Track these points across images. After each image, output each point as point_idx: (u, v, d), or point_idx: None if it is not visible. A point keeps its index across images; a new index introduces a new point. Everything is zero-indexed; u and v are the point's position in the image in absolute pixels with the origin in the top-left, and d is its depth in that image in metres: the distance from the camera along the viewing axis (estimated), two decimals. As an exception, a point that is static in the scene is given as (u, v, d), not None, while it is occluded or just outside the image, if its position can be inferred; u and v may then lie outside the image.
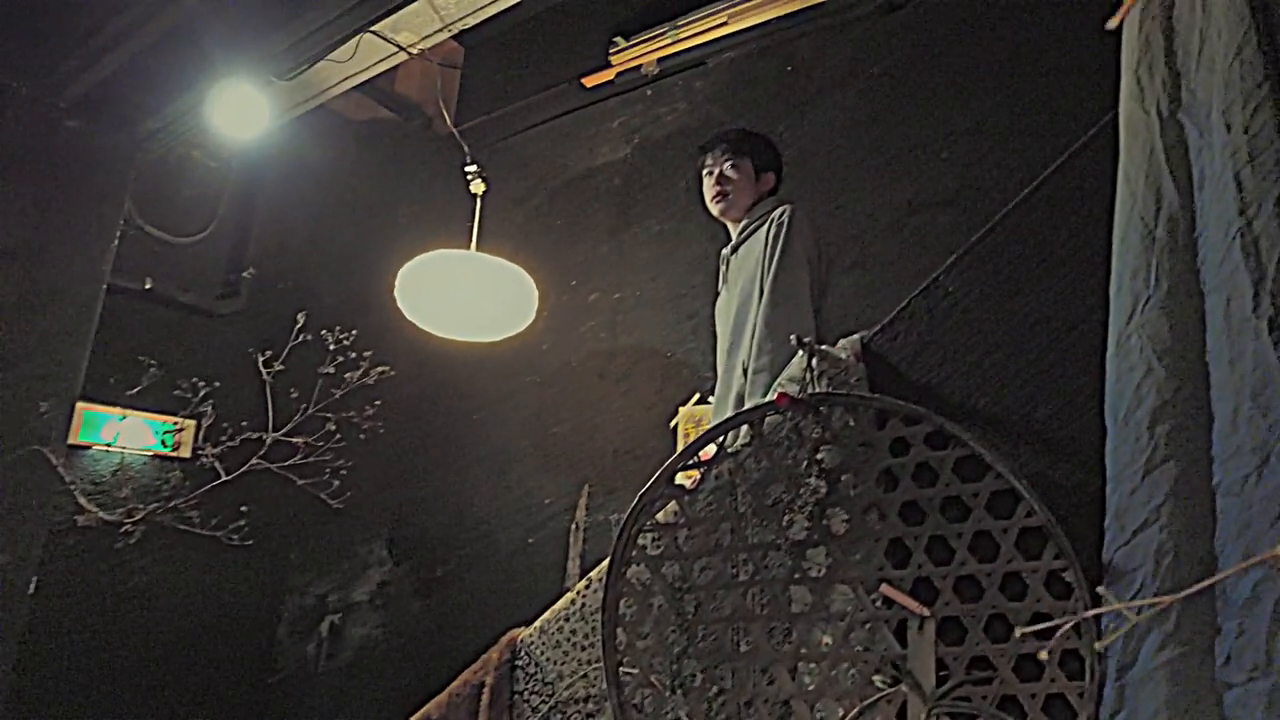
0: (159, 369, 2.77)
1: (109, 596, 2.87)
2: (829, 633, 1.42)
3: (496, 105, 3.99)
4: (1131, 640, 1.14)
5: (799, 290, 1.86)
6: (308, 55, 2.04)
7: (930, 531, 1.38)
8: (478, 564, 3.44)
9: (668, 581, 1.57)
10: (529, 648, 1.90)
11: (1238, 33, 1.21)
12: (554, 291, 3.43)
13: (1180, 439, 1.17)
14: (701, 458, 1.60)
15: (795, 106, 3.09)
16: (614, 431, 3.15)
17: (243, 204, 3.58)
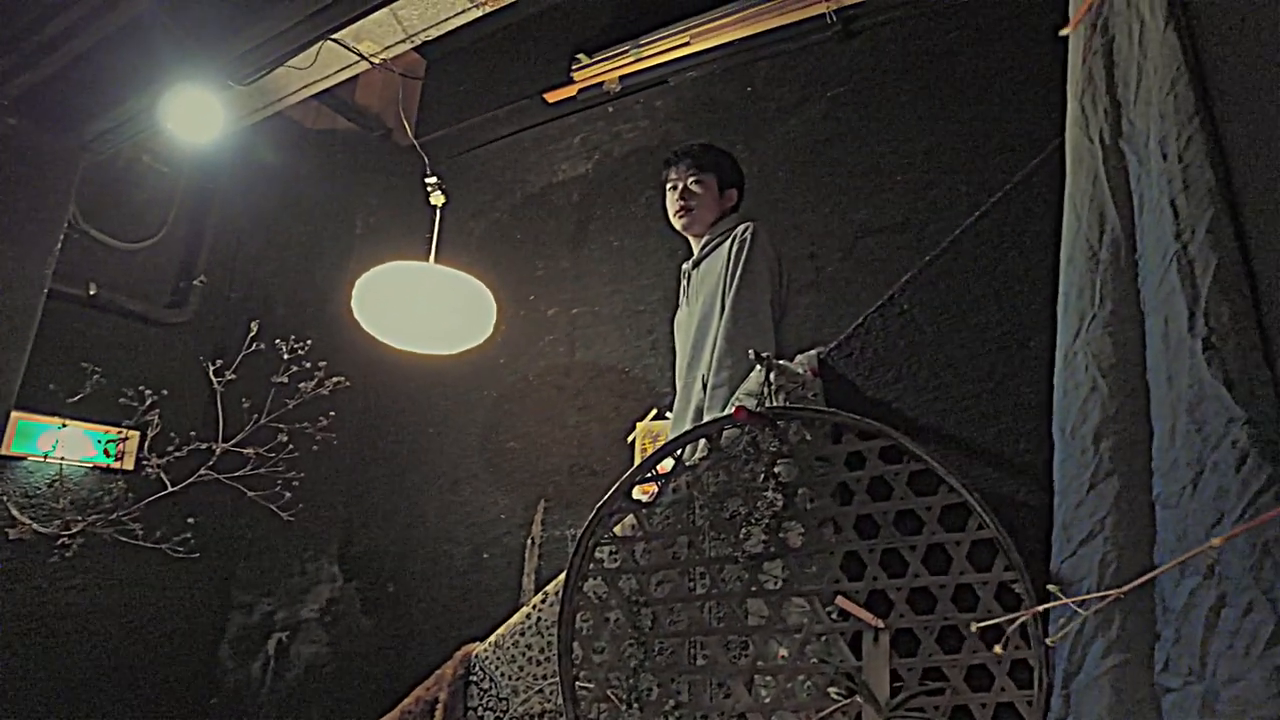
0: (102, 377, 2.67)
1: (41, 614, 2.75)
2: (785, 645, 1.43)
3: (458, 118, 3.98)
4: (1077, 649, 1.17)
5: (760, 307, 1.88)
6: (266, 61, 2.01)
7: (885, 545, 1.40)
8: (431, 580, 3.39)
9: (624, 595, 1.57)
10: (483, 663, 1.87)
11: (1171, 68, 1.27)
12: (512, 306, 3.42)
13: (1123, 454, 1.21)
14: (659, 471, 1.60)
15: (755, 127, 3.14)
16: (571, 446, 3.15)
17: (195, 210, 3.50)
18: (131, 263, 3.25)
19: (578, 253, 3.39)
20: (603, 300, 3.24)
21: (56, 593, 2.78)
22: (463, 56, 4.10)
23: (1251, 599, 0.95)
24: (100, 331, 3.04)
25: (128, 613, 3.00)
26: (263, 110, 2.88)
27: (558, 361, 3.28)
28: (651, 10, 3.38)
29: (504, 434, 3.35)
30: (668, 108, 3.37)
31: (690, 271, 2.14)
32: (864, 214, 2.83)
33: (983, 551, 1.34)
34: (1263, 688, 0.90)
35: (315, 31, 1.92)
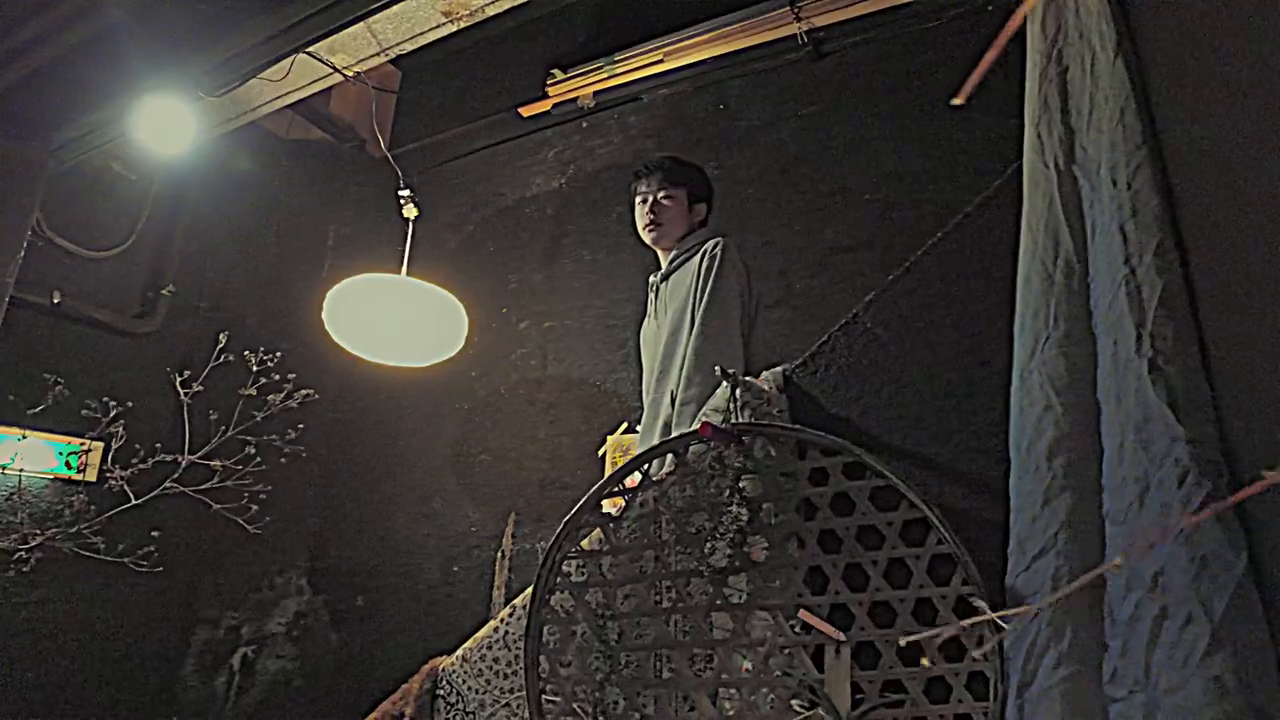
0: (66, 387, 2.63)
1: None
2: (749, 659, 1.45)
3: (433, 130, 4.00)
4: (1030, 660, 1.20)
5: (729, 323, 1.90)
6: (239, 73, 2.01)
7: (847, 559, 1.43)
8: (400, 593, 3.37)
9: (591, 609, 1.58)
10: (450, 677, 1.87)
11: (1120, 97, 1.32)
12: (485, 318, 3.43)
13: (1075, 470, 1.25)
14: (627, 485, 1.62)
15: (727, 144, 3.19)
16: (541, 460, 3.15)
17: (165, 219, 3.46)
18: (98, 271, 3.20)
19: (550, 266, 3.41)
20: (575, 314, 3.26)
21: (11, 609, 2.73)
22: (438, 69, 4.11)
23: (1190, 611, 0.98)
24: (64, 341, 2.99)
25: (87, 628, 2.95)
26: (235, 120, 2.87)
27: (530, 375, 3.29)
28: (626, 27, 3.42)
29: (475, 447, 3.35)
30: (641, 124, 3.41)
31: (658, 285, 2.16)
32: (833, 231, 2.88)
33: (942, 566, 1.37)
34: (1200, 696, 0.93)
35: (289, 45, 1.92)
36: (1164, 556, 1.05)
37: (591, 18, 3.63)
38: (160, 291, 3.31)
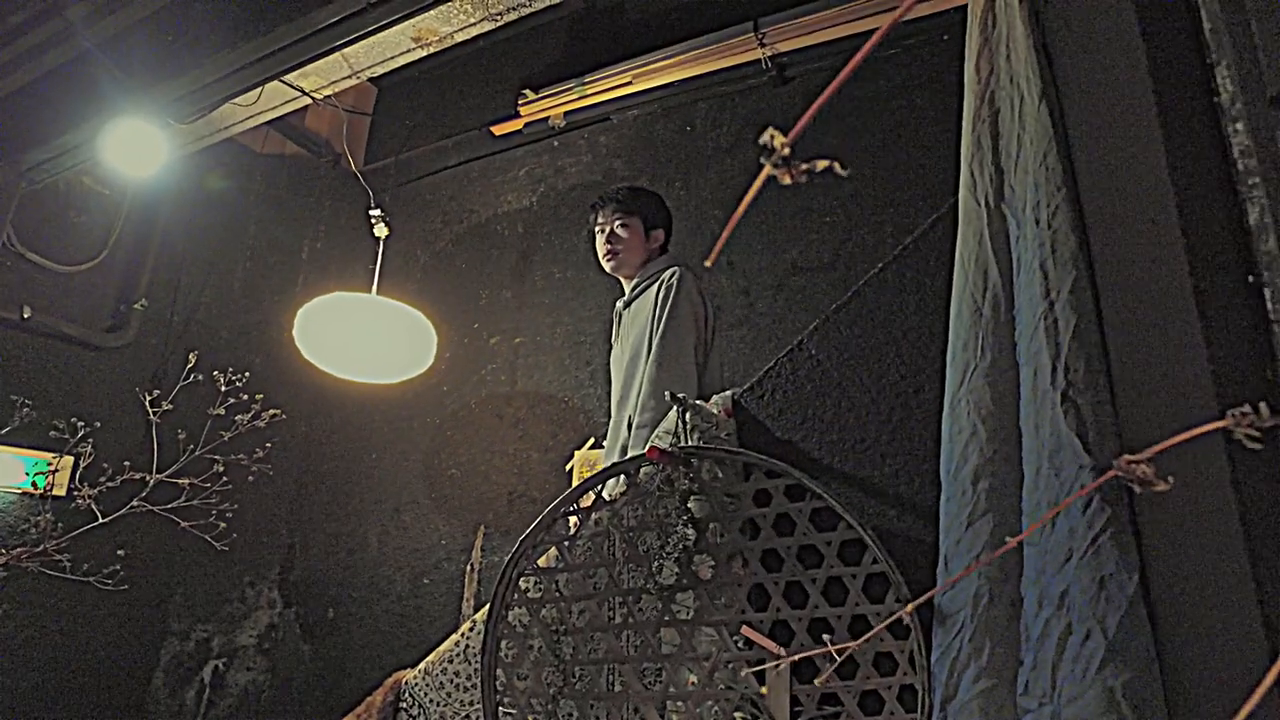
0: (35, 403, 2.65)
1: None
2: (695, 673, 1.51)
3: (407, 146, 4.05)
4: (954, 675, 1.27)
5: (684, 350, 1.97)
6: (210, 101, 2.06)
7: (788, 577, 1.49)
8: (371, 605, 3.41)
9: (546, 624, 1.64)
10: (413, 689, 1.91)
11: (1044, 141, 1.41)
12: (456, 334, 3.48)
13: (997, 495, 1.33)
14: (581, 504, 1.68)
15: (693, 165, 3.27)
16: (510, 474, 3.20)
17: (138, 233, 3.48)
18: (70, 286, 3.23)
19: (520, 283, 3.47)
20: (544, 330, 3.32)
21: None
22: (413, 86, 4.17)
23: (1089, 628, 1.06)
24: (34, 356, 3.01)
25: (53, 643, 2.96)
26: (207, 139, 2.90)
27: (499, 390, 3.34)
28: (596, 50, 3.49)
29: (445, 461, 3.39)
30: (610, 144, 3.48)
31: (622, 311, 2.22)
32: (794, 253, 2.96)
33: (877, 584, 1.44)
34: (1094, 705, 1.00)
35: (261, 75, 1.97)
36: (1070, 577, 1.13)
37: (563, 40, 3.70)
38: (133, 306, 3.33)
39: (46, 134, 2.16)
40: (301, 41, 1.86)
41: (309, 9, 1.78)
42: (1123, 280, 1.23)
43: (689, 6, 3.42)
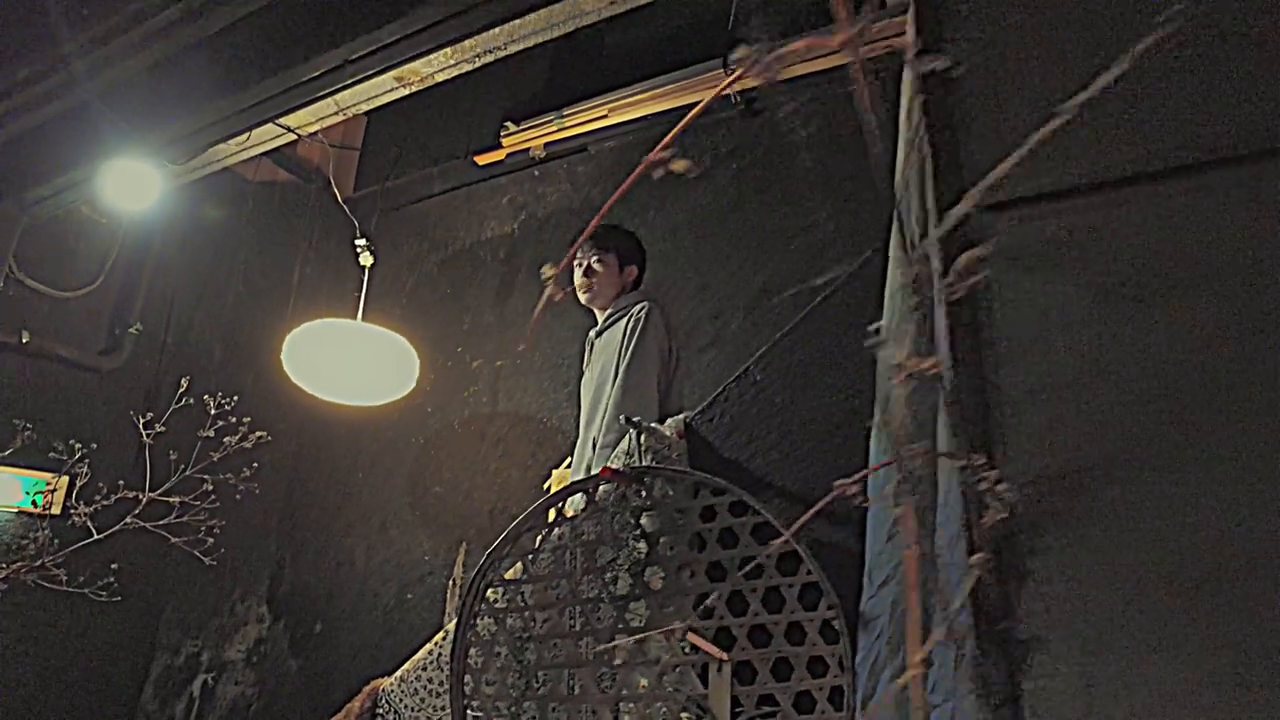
0: (33, 424, 2.77)
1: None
2: (646, 676, 1.63)
3: (394, 174, 4.19)
4: (873, 676, 1.40)
5: (647, 380, 2.11)
6: (204, 144, 2.20)
7: (731, 588, 1.62)
8: (357, 619, 3.51)
9: (511, 632, 1.76)
10: (389, 696, 2.03)
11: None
12: (440, 356, 3.61)
13: (916, 510, 1.46)
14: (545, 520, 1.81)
15: (667, 194, 3.41)
16: (492, 491, 3.32)
17: (133, 259, 3.62)
18: (66, 310, 3.35)
19: (502, 307, 3.60)
20: (524, 353, 3.45)
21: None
22: (401, 116, 4.31)
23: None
24: (32, 378, 3.13)
25: (47, 657, 3.06)
26: (199, 171, 3.04)
27: (481, 410, 3.47)
28: (574, 84, 3.65)
29: (429, 479, 3.52)
30: (588, 173, 3.63)
31: (594, 340, 2.36)
32: (763, 277, 3.10)
33: (811, 593, 1.57)
34: (972, 702, 1.13)
35: (251, 120, 2.11)
36: (957, 588, 1.26)
37: (543, 73, 3.86)
38: (128, 329, 3.46)
39: (48, 172, 2.29)
40: (288, 91, 2.00)
41: (293, 64, 1.92)
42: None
43: (663, 43, 3.58)
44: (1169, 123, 0.49)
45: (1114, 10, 0.53)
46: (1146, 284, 0.48)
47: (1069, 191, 0.51)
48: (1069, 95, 0.52)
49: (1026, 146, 0.48)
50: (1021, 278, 0.53)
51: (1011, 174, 0.53)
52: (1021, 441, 0.52)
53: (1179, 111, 0.48)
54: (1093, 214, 0.51)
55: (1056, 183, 0.52)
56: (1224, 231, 0.45)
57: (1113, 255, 0.49)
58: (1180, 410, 0.46)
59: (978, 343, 0.55)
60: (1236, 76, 0.47)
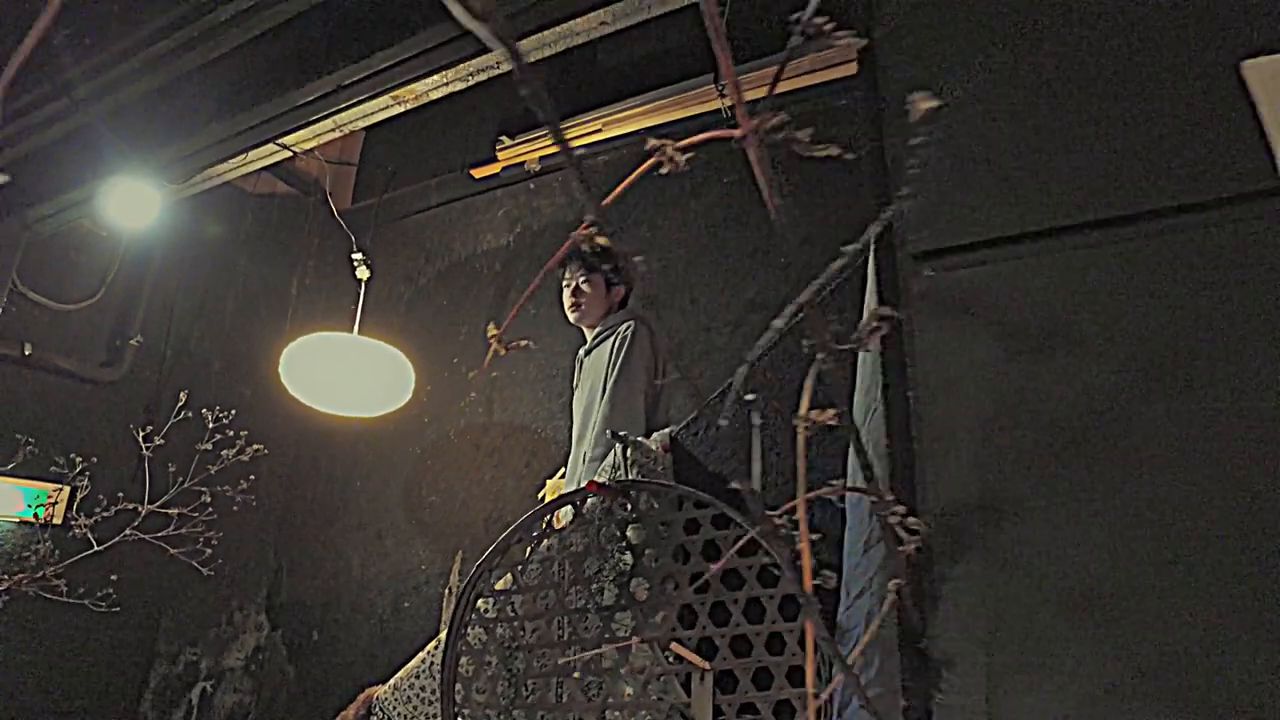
0: (35, 437, 2.82)
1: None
2: (631, 685, 1.68)
3: (392, 187, 4.25)
4: (850, 685, 1.44)
5: (634, 396, 2.16)
6: (204, 163, 2.25)
7: (713, 599, 1.67)
8: (353, 627, 3.56)
9: (500, 642, 1.80)
10: (383, 704, 2.08)
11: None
12: (436, 367, 3.66)
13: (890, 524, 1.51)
14: (534, 532, 1.85)
15: (659, 208, 3.47)
16: (486, 501, 3.37)
17: (133, 271, 3.66)
18: (68, 322, 3.40)
19: (498, 318, 3.65)
20: (519, 364, 3.50)
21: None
22: (398, 130, 4.37)
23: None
24: (34, 390, 3.18)
25: (47, 667, 3.10)
26: (198, 186, 3.10)
27: (476, 421, 3.52)
28: (568, 99, 3.71)
29: (425, 488, 3.56)
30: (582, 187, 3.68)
31: (583, 359, 2.42)
32: (752, 291, 3.16)
33: (791, 604, 1.62)
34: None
35: (249, 142, 2.16)
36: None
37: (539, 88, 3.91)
38: (128, 341, 3.51)
39: (51, 191, 2.34)
40: (285, 114, 2.06)
41: (288, 89, 1.98)
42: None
43: (655, 58, 3.64)
44: (1072, 182, 0.54)
45: (1039, 73, 0.58)
46: (1044, 333, 0.52)
47: (981, 244, 0.56)
48: (988, 156, 0.57)
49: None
50: (943, 324, 0.58)
51: (933, 226, 0.58)
52: (938, 476, 0.57)
53: (1078, 173, 0.53)
54: (1000, 265, 0.56)
55: (970, 235, 0.56)
56: (1108, 286, 0.50)
57: (1016, 305, 0.54)
58: (1069, 452, 0.51)
59: (904, 383, 0.59)
60: (1122, 143, 0.52)
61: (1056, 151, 0.56)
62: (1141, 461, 0.48)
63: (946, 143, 0.60)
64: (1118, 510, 0.48)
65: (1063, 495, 0.50)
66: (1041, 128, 0.56)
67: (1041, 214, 0.54)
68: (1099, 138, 0.54)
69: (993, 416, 0.53)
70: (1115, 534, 0.48)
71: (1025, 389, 0.52)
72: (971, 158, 0.59)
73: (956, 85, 0.59)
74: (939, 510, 0.55)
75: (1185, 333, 0.47)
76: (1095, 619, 0.47)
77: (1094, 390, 0.50)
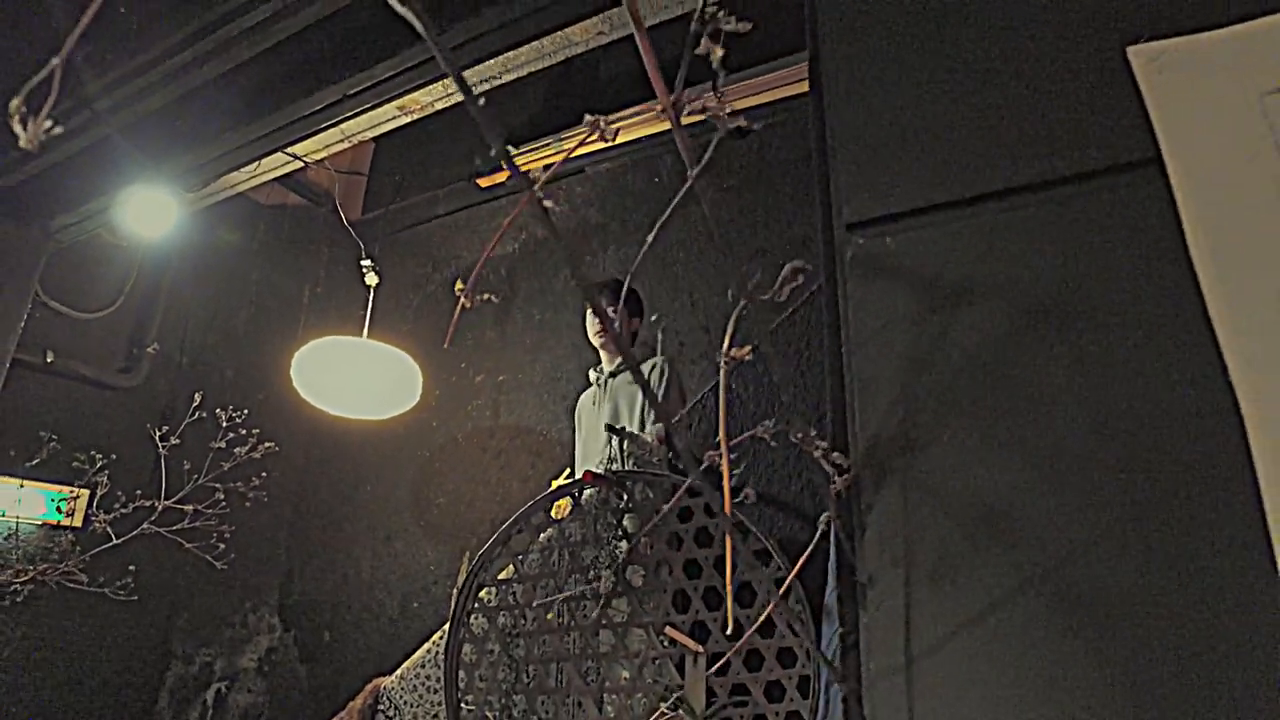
0: (58, 442, 2.92)
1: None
2: (627, 668, 1.74)
3: (400, 197, 4.35)
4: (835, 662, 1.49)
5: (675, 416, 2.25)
6: (218, 172, 2.34)
7: (706, 584, 1.73)
8: (363, 627, 3.63)
9: (501, 629, 1.87)
10: (390, 694, 2.14)
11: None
12: (444, 372, 3.74)
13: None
14: (533, 523, 1.92)
15: (660, 213, 3.52)
16: (493, 502, 3.44)
17: (150, 281, 3.77)
18: (88, 331, 3.51)
19: (503, 325, 3.74)
20: (524, 368, 3.58)
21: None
22: (406, 142, 4.48)
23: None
24: (56, 396, 3.28)
25: (65, 666, 3.18)
26: (214, 197, 3.20)
27: (483, 424, 3.59)
28: (571, 109, 3.80)
29: (433, 490, 3.63)
30: (585, 194, 3.76)
31: (605, 380, 2.52)
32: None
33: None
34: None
35: (261, 150, 2.25)
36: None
37: (542, 97, 4.01)
38: (145, 349, 3.61)
39: (72, 202, 2.44)
40: (294, 123, 2.14)
41: (295, 99, 2.06)
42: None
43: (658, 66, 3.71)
44: (979, 158, 0.60)
45: (963, 50, 0.64)
46: (954, 290, 0.58)
47: (903, 214, 0.62)
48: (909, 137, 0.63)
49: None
50: (869, 285, 0.64)
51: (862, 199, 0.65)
52: (865, 416, 0.63)
53: (986, 149, 0.60)
54: (918, 233, 0.62)
55: (894, 206, 0.63)
56: (1007, 247, 0.56)
57: (932, 266, 0.60)
58: (974, 391, 0.57)
59: (837, 336, 0.66)
60: (1021, 122, 0.58)
61: (966, 131, 0.62)
62: (1034, 398, 0.54)
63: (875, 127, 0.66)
64: (1010, 439, 0.54)
65: (968, 429, 0.56)
66: (952, 110, 0.63)
67: (953, 187, 0.61)
68: (1001, 118, 0.61)
69: (911, 363, 0.59)
70: (1011, 461, 0.54)
71: (938, 338, 0.58)
72: (895, 139, 0.65)
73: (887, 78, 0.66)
74: (865, 446, 0.61)
75: (1071, 286, 0.53)
76: (993, 536, 0.53)
77: (995, 337, 0.56)
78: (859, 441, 0.62)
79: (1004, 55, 0.60)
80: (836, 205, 0.69)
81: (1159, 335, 0.50)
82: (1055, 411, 0.51)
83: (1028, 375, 0.53)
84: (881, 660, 0.57)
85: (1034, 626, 0.49)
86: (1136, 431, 0.49)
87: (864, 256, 0.64)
